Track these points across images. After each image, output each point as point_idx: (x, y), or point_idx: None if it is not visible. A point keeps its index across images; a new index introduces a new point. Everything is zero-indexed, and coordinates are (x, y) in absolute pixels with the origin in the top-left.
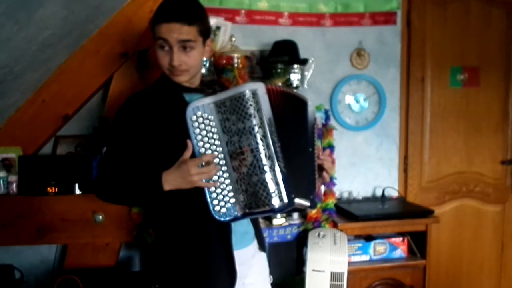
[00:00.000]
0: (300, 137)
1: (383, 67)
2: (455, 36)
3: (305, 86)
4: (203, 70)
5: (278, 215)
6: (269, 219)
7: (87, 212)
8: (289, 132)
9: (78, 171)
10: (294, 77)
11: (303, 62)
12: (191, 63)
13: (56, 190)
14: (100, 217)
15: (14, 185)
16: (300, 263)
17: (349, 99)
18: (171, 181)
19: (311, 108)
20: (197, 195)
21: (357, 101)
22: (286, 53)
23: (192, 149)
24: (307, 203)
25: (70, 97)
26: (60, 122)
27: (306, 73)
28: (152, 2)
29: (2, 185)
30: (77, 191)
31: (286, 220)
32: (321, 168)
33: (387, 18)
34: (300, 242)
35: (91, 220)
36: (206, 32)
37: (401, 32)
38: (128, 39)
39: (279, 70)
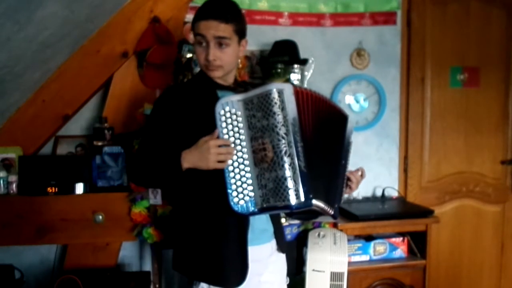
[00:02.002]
0: (331, 145)
1: (383, 67)
2: (455, 36)
3: (305, 86)
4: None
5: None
6: None
7: (87, 212)
8: (318, 137)
9: (78, 171)
10: (294, 77)
11: (303, 62)
12: (226, 60)
13: (56, 190)
14: (100, 217)
15: (14, 185)
16: (300, 263)
17: (349, 99)
18: (189, 158)
19: (350, 125)
20: (218, 186)
21: (357, 101)
22: (286, 53)
23: None
24: (327, 208)
25: (70, 97)
26: (60, 122)
27: (306, 73)
28: (152, 2)
29: (2, 185)
30: (78, 191)
31: (286, 220)
32: (348, 179)
33: (387, 18)
34: (300, 242)
35: (91, 220)
36: (241, 32)
37: (401, 32)
38: (128, 39)
39: (279, 70)
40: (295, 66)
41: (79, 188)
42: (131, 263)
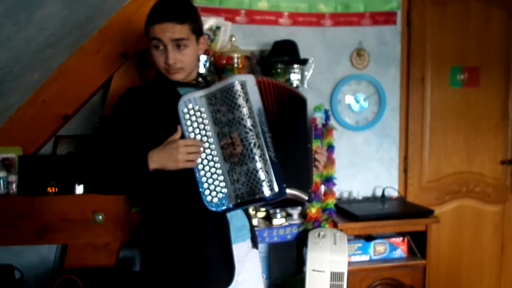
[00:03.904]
0: (297, 131)
1: (383, 67)
2: (455, 36)
3: (305, 86)
4: (203, 70)
5: (278, 215)
6: (269, 219)
7: (87, 212)
8: (284, 125)
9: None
10: (294, 77)
11: (303, 62)
12: (186, 61)
13: (56, 190)
14: (100, 217)
15: (14, 185)
16: (300, 263)
17: (349, 99)
18: (156, 158)
19: (309, 107)
20: (190, 186)
21: (357, 101)
22: (286, 53)
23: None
24: (301, 195)
25: (70, 97)
26: (60, 122)
27: (306, 73)
28: (152, 2)
29: (2, 185)
30: (78, 191)
31: (286, 220)
32: (315, 160)
33: (387, 18)
34: (300, 242)
35: (91, 220)
36: (198, 30)
37: (401, 32)
38: (128, 39)
39: (279, 70)
40: (295, 66)
41: (79, 188)
42: (131, 263)
